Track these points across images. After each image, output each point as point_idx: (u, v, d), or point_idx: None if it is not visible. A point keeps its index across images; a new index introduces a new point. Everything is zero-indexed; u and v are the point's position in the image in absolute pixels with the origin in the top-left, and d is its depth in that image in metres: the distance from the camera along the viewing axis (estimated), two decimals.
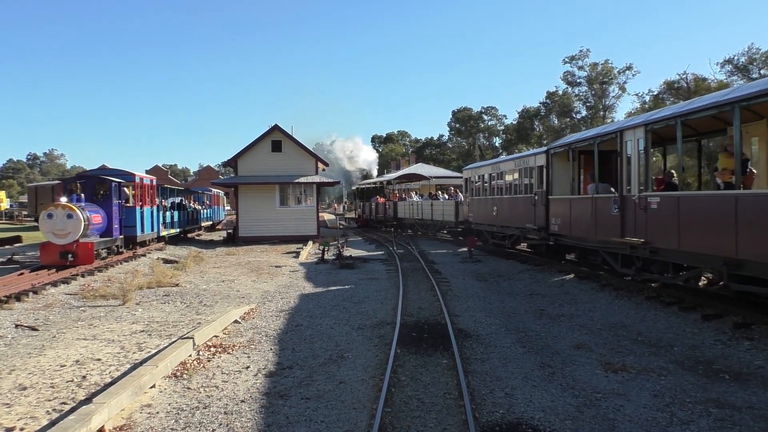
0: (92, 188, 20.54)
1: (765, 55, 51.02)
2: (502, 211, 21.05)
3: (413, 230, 34.38)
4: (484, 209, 23.40)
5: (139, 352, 8.40)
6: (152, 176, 25.62)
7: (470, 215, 25.23)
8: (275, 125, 30.19)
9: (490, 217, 22.46)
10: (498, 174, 22.02)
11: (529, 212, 18.20)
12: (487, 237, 23.72)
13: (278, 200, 29.63)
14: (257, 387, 7.07)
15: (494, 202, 22.01)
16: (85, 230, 17.63)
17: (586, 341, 9.03)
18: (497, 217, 21.55)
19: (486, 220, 23.09)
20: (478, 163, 27.32)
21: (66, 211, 17.42)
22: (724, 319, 9.84)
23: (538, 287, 14.25)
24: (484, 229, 23.71)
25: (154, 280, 15.09)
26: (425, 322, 10.39)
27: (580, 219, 14.94)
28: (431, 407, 6.26)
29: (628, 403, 6.37)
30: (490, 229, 22.72)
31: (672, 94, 58.27)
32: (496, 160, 24.47)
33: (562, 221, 15.96)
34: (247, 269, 18.85)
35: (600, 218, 13.77)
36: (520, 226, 19.10)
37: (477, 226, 24.43)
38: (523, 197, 18.87)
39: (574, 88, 70.86)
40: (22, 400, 6.48)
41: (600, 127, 16.70)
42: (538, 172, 17.82)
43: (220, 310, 11.69)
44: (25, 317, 10.98)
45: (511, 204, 20.19)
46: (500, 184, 21.71)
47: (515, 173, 20.08)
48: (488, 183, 23.04)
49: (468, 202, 25.86)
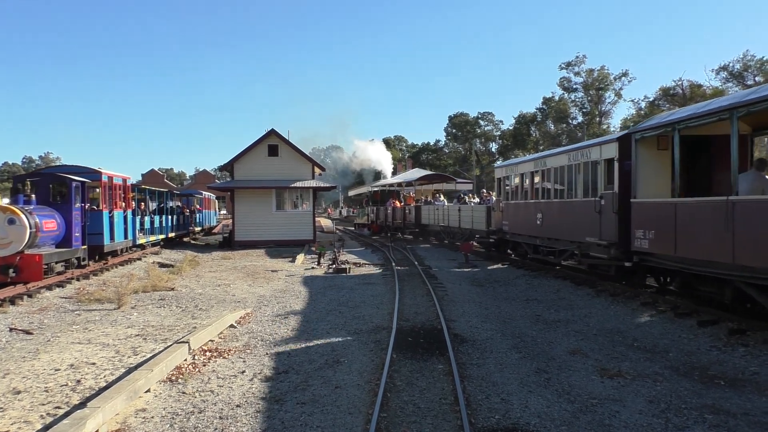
0: (47, 188, 17.00)
1: (760, 62, 51.41)
2: (550, 219, 16.54)
3: (438, 239, 29.79)
4: (523, 216, 18.73)
5: (134, 356, 8.37)
6: (126, 175, 22.13)
7: (504, 223, 20.38)
8: (272, 129, 30.21)
9: (531, 226, 17.84)
10: (544, 171, 17.26)
11: (591, 221, 13.78)
12: (526, 251, 18.96)
13: (274, 204, 29.61)
14: (253, 392, 7.05)
15: (538, 208, 17.36)
16: (32, 239, 14.53)
17: (582, 347, 9.04)
18: (542, 227, 16.98)
19: (526, 229, 18.47)
20: (517, 159, 22.80)
21: (7, 216, 14.16)
22: (719, 325, 9.87)
23: (534, 293, 14.26)
24: (523, 241, 19.02)
25: (150, 284, 15.04)
26: (421, 327, 10.39)
27: (700, 232, 10.02)
28: (427, 412, 6.26)
29: (624, 408, 6.38)
30: (532, 241, 18.02)
31: (668, 100, 58.63)
32: (542, 153, 19.00)
33: (657, 235, 11.27)
34: (243, 273, 18.81)
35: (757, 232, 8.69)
36: (577, 239, 14.75)
37: (513, 237, 19.79)
38: (583, 202, 14.52)
39: (571, 94, 71.39)
40: (15, 404, 6.45)
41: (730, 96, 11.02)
42: (605, 167, 13.51)
43: (215, 314, 11.65)
44: (19, 321, 10.93)
45: (563, 210, 15.75)
46: (547, 185, 17.12)
47: (569, 170, 15.51)
48: (530, 183, 18.44)
49: (502, 207, 20.77)
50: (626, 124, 61.70)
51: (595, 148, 14.13)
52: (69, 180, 16.98)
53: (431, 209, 30.53)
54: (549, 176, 16.93)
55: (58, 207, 16.61)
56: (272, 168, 29.81)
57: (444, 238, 28.54)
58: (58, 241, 16.33)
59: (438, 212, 28.89)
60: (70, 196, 16.85)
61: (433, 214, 29.70)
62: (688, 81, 57.10)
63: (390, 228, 36.71)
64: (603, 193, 13.43)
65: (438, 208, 29.27)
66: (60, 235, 16.35)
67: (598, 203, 13.53)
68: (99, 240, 18.75)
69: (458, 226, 25.77)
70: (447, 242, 28.17)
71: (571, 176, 15.44)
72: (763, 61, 51.31)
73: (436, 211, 29.36)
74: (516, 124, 77.65)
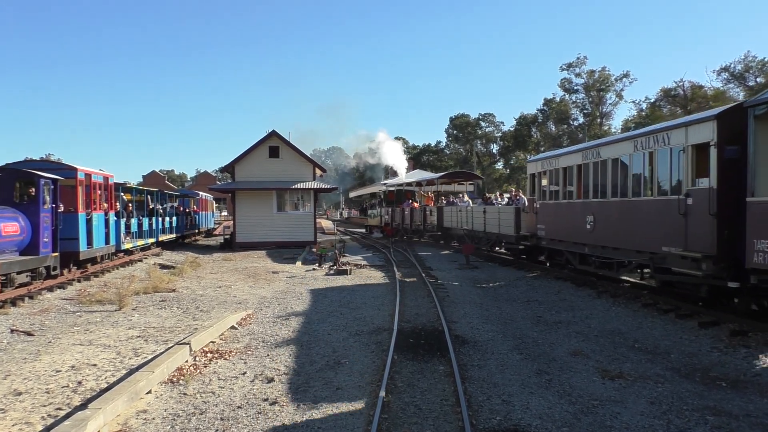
0: (12, 186, 14.78)
1: (761, 62, 51.41)
2: (606, 223, 13.51)
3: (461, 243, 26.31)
4: (566, 219, 15.75)
5: (135, 358, 8.37)
6: (108, 173, 19.88)
7: (540, 227, 17.36)
8: (273, 131, 30.22)
9: (578, 231, 14.86)
10: (597, 164, 14.18)
11: (671, 226, 10.99)
12: (568, 260, 16.14)
13: (275, 206, 29.61)
14: (254, 393, 7.05)
15: (588, 209, 14.32)
16: None
17: (583, 348, 9.03)
18: (594, 233, 14.01)
19: (570, 235, 15.44)
20: (557, 150, 18.85)
21: None
22: (720, 326, 9.86)
23: (535, 294, 14.25)
24: (565, 249, 16.04)
25: (151, 286, 15.04)
26: (422, 328, 10.38)
27: None
28: (428, 414, 6.25)
29: (625, 410, 6.37)
30: (577, 249, 15.12)
31: (669, 101, 58.64)
32: (594, 142, 15.72)
33: None
34: (244, 275, 18.82)
35: None
36: (648, 249, 11.83)
37: (552, 244, 16.73)
38: (658, 201, 11.55)
39: (572, 96, 71.35)
40: (17, 405, 6.45)
41: None
42: (693, 155, 10.57)
43: (216, 315, 11.65)
44: (20, 322, 10.93)
45: (626, 212, 12.69)
46: (602, 181, 13.94)
47: (636, 160, 12.49)
48: (576, 179, 15.31)
49: (536, 209, 17.69)
50: (627, 125, 61.72)
51: (677, 131, 11.09)
52: (37, 177, 14.65)
53: (453, 211, 27.34)
54: (604, 170, 13.81)
55: (24, 208, 14.35)
56: (273, 169, 29.81)
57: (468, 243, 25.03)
58: (22, 248, 14.07)
59: (461, 214, 25.86)
60: (39, 196, 14.58)
61: (456, 217, 26.65)
62: (690, 82, 57.12)
63: (408, 231, 33.69)
64: (690, 190, 10.53)
65: (461, 210, 26.15)
66: (24, 240, 14.08)
67: (683, 203, 10.63)
68: (74, 246, 16.51)
69: (483, 230, 22.80)
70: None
71: (638, 168, 12.43)
72: (764, 62, 51.32)
73: (459, 213, 26.26)
74: (517, 125, 77.64)
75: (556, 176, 16.69)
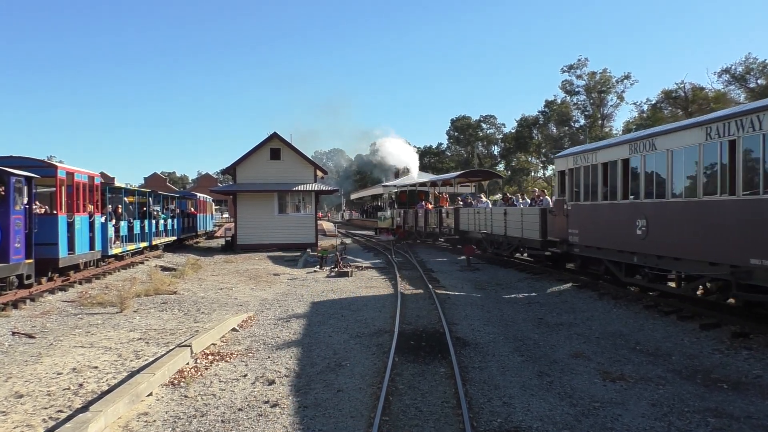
0: None
1: (762, 64, 51.37)
2: (665, 228, 11.34)
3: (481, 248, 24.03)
4: (608, 223, 13.49)
5: (136, 360, 8.38)
6: (93, 172, 18.41)
7: (572, 232, 15.21)
8: (274, 133, 30.24)
9: (624, 237, 12.65)
10: (652, 157, 11.88)
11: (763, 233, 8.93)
12: (612, 271, 13.87)
13: (276, 208, 29.63)
14: (255, 395, 7.05)
15: (640, 211, 12.12)
16: None
17: (585, 350, 9.02)
18: (647, 240, 11.83)
19: (612, 241, 13.28)
20: (597, 143, 16.20)
21: None
22: (722, 328, 9.85)
23: (537, 296, 14.24)
24: (605, 258, 13.90)
25: (152, 288, 15.05)
26: (423, 330, 10.38)
27: None
28: (429, 416, 6.25)
29: (626, 412, 6.36)
30: (625, 259, 12.88)
31: (670, 103, 58.61)
32: (647, 131, 12.89)
33: None
34: (245, 277, 18.82)
35: None
36: (726, 260, 9.78)
37: (587, 252, 14.65)
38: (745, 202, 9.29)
39: (573, 97, 71.25)
40: (18, 407, 6.46)
41: None
42: None
43: (218, 318, 11.66)
44: (22, 324, 10.94)
45: (695, 214, 10.56)
46: (659, 178, 11.67)
47: (708, 152, 10.27)
48: (622, 175, 12.99)
49: (568, 210, 15.54)
50: (629, 126, 61.67)
51: None
52: (7, 174, 13.00)
53: (471, 213, 24.88)
54: (661, 164, 11.58)
55: None
56: (274, 171, 29.82)
57: (486, 248, 23.26)
58: None
59: (479, 216, 23.50)
60: (9, 195, 12.95)
61: (474, 219, 24.20)
62: (691, 84, 57.00)
63: (422, 234, 31.64)
64: None
65: (478, 212, 23.78)
66: None
67: None
68: (52, 252, 14.90)
69: (503, 233, 20.59)
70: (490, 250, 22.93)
71: (712, 161, 10.22)
72: (765, 63, 51.25)
73: (477, 215, 23.89)
74: (518, 127, 77.55)
75: (593, 173, 14.36)
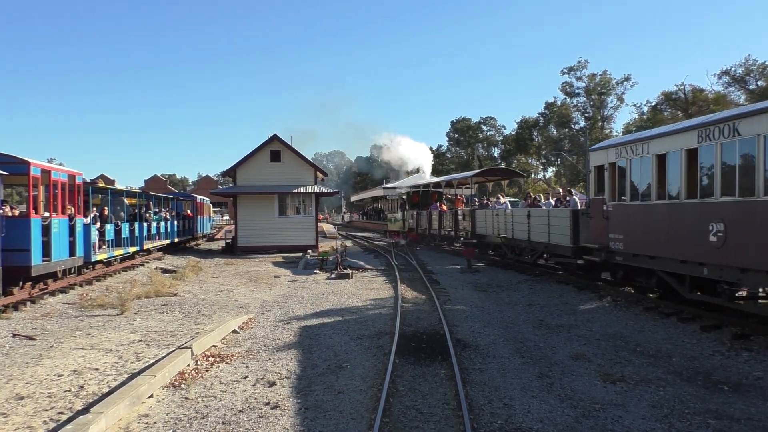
0: None
1: (762, 66, 51.39)
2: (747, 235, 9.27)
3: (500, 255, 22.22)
4: (666, 227, 11.37)
5: (137, 362, 8.38)
6: (74, 171, 16.71)
7: (614, 237, 13.14)
8: (274, 135, 30.24)
9: (692, 244, 10.51)
10: (733, 146, 9.52)
11: None
12: (672, 285, 11.66)
13: (277, 210, 29.62)
14: (255, 397, 7.05)
15: (713, 214, 9.96)
16: None
17: (585, 352, 9.03)
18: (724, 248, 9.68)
19: (672, 249, 11.17)
20: (647, 132, 13.43)
21: None
22: (722, 330, 9.85)
23: (537, 298, 14.24)
24: (660, 269, 11.85)
25: (153, 290, 15.06)
26: (424, 332, 10.38)
27: None
28: (430, 417, 6.25)
29: (627, 414, 6.36)
30: (692, 271, 10.73)
31: (670, 105, 58.64)
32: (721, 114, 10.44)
33: None
34: (245, 279, 18.83)
35: None
36: None
37: (634, 261, 12.61)
38: None
39: (573, 99, 71.27)
40: (19, 409, 6.46)
41: None
42: None
43: (218, 319, 11.67)
44: (22, 327, 10.95)
45: None
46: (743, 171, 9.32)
47: None
48: (684, 169, 10.77)
49: (608, 212, 13.47)
50: (629, 128, 61.67)
51: None
52: None
53: (488, 215, 22.58)
54: (746, 153, 9.28)
55: None
56: (275, 173, 29.82)
57: (506, 254, 21.23)
58: None
59: (498, 219, 21.25)
60: None
61: (492, 222, 21.94)
62: (690, 85, 57.06)
63: (436, 238, 29.68)
64: None
65: (497, 214, 21.47)
66: None
67: None
68: (23, 259, 13.13)
69: (526, 238, 18.51)
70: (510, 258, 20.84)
71: None
72: (764, 65, 51.28)
73: (495, 217, 21.61)
74: (518, 128, 77.58)
75: (643, 167, 12.26)
